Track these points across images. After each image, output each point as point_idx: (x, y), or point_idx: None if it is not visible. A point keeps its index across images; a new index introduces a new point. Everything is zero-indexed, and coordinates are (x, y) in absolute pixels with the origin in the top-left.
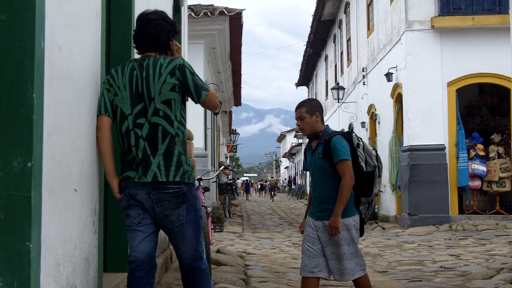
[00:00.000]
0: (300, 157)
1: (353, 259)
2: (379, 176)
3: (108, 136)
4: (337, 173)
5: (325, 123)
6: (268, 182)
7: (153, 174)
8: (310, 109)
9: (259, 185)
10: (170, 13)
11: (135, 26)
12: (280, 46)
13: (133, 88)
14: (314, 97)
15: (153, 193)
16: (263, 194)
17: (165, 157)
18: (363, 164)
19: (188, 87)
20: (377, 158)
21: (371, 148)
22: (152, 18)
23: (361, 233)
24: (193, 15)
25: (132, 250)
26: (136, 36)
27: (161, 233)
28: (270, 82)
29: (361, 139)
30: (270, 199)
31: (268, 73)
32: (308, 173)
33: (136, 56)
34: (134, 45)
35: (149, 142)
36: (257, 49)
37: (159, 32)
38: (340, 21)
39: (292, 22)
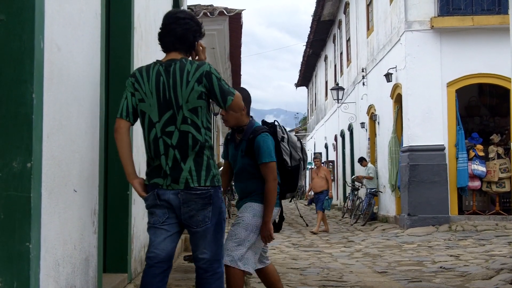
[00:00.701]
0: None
1: (234, 242)
2: (304, 168)
3: (126, 138)
4: (260, 171)
5: (323, 124)
6: None
7: (184, 181)
8: None
9: None
10: None
11: (161, 23)
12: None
13: (160, 95)
14: (314, 98)
15: (181, 193)
16: None
17: (196, 162)
18: (287, 158)
19: (214, 93)
20: (302, 150)
21: (296, 139)
22: (180, 17)
23: (278, 229)
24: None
25: (154, 247)
26: (161, 33)
27: None
28: (269, 82)
29: (285, 130)
30: None
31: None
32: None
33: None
34: (159, 43)
35: (179, 149)
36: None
37: (186, 31)
38: (340, 22)
39: (291, 22)
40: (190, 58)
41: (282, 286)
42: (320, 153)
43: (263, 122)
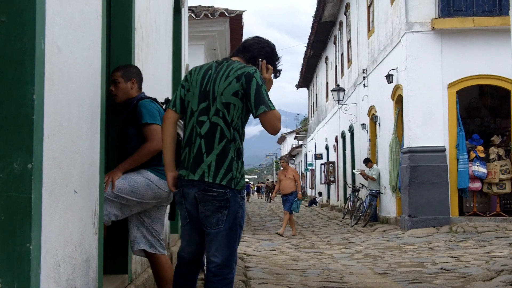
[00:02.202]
0: (301, 158)
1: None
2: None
3: (170, 129)
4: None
5: (324, 125)
6: (265, 184)
7: (201, 173)
8: (126, 74)
9: (256, 187)
10: (170, 15)
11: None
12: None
13: (202, 85)
14: (315, 99)
15: (198, 192)
16: (261, 195)
17: (219, 158)
18: (180, 132)
19: (249, 96)
20: None
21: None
22: (258, 37)
23: (172, 217)
24: (194, 16)
25: (181, 249)
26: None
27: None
28: None
29: None
30: (267, 201)
31: None
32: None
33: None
34: None
35: (206, 140)
36: None
37: (254, 44)
38: (341, 23)
39: (291, 22)
40: None
41: None
42: (286, 155)
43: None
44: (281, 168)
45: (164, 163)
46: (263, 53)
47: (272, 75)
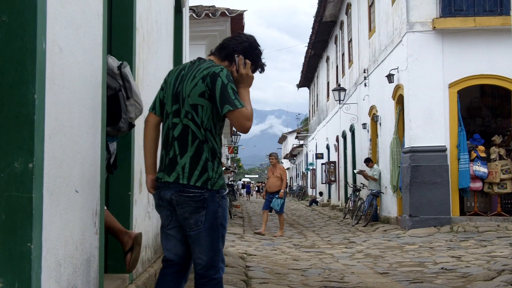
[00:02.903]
0: (302, 158)
1: None
2: (128, 98)
3: (151, 132)
4: None
5: (325, 124)
6: (265, 184)
7: (176, 175)
8: None
9: (257, 187)
10: (171, 14)
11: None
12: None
13: (175, 86)
14: (316, 98)
15: (175, 194)
16: (260, 195)
17: (192, 159)
18: None
19: (214, 96)
20: (122, 76)
21: (116, 65)
22: (238, 35)
23: (109, 170)
24: (195, 16)
25: (164, 250)
26: None
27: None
28: (269, 82)
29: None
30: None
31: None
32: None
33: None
34: None
35: (179, 142)
36: None
37: (232, 41)
38: (342, 22)
39: (291, 22)
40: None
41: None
42: (276, 153)
43: None
44: (271, 165)
45: (145, 165)
46: (240, 48)
47: (258, 70)
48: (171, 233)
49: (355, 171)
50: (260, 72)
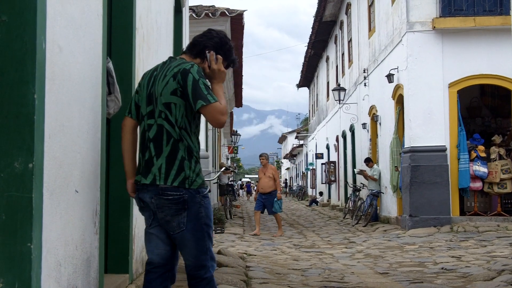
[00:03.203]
0: (302, 158)
1: None
2: (110, 93)
3: (128, 136)
4: None
5: (325, 124)
6: None
7: (152, 177)
8: None
9: (255, 187)
10: (171, 14)
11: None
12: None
13: (148, 87)
14: (316, 98)
15: (154, 198)
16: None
17: (168, 160)
18: None
19: (186, 92)
20: (107, 70)
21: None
22: (208, 32)
23: None
24: (194, 16)
25: (147, 251)
26: None
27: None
28: (269, 83)
29: None
30: None
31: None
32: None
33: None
34: None
35: (155, 143)
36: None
37: (202, 37)
38: (341, 22)
39: (291, 22)
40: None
41: None
42: (267, 154)
43: None
44: (262, 166)
45: (124, 170)
46: (211, 44)
47: (230, 65)
48: (154, 231)
49: (356, 170)
50: (233, 67)
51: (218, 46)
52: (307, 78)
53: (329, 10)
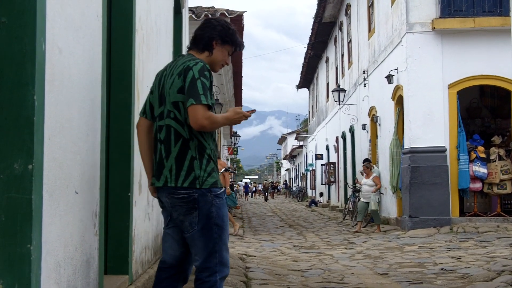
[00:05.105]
0: (301, 159)
1: None
2: None
3: (143, 137)
4: None
5: (325, 125)
6: (262, 185)
7: (164, 179)
8: None
9: (254, 188)
10: (171, 16)
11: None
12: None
13: (159, 88)
14: (315, 99)
15: (168, 197)
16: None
17: (177, 160)
18: None
19: (184, 89)
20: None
21: None
22: (207, 20)
23: None
24: (194, 17)
25: (162, 251)
26: None
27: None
28: (268, 83)
29: None
30: (264, 200)
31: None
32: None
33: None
34: None
35: (165, 145)
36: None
37: (204, 29)
38: (341, 23)
39: (289, 23)
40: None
41: None
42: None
43: None
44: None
45: (145, 171)
46: (216, 34)
47: (236, 49)
48: (170, 232)
49: (356, 176)
50: (239, 50)
51: (223, 34)
52: (307, 79)
53: (328, 11)
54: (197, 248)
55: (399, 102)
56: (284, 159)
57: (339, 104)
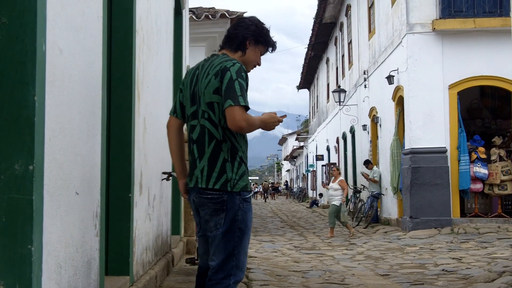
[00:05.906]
0: (302, 159)
1: None
2: None
3: (174, 136)
4: None
5: (325, 126)
6: (261, 186)
7: (195, 180)
8: None
9: (255, 189)
10: (171, 16)
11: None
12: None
13: (191, 87)
14: (316, 100)
15: (196, 196)
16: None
17: (210, 161)
18: None
19: (221, 90)
20: None
21: None
22: (241, 21)
23: None
24: (194, 18)
25: (199, 256)
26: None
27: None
28: (267, 84)
29: None
30: (264, 200)
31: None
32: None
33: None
34: None
35: (198, 145)
36: None
37: (238, 29)
38: (342, 24)
39: (288, 23)
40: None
41: None
42: None
43: None
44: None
45: (175, 170)
46: (249, 34)
47: (270, 49)
48: (202, 240)
49: (361, 172)
50: (272, 52)
51: (257, 34)
52: (307, 80)
53: (329, 12)
54: (217, 249)
55: (399, 102)
56: (284, 160)
57: (340, 105)
